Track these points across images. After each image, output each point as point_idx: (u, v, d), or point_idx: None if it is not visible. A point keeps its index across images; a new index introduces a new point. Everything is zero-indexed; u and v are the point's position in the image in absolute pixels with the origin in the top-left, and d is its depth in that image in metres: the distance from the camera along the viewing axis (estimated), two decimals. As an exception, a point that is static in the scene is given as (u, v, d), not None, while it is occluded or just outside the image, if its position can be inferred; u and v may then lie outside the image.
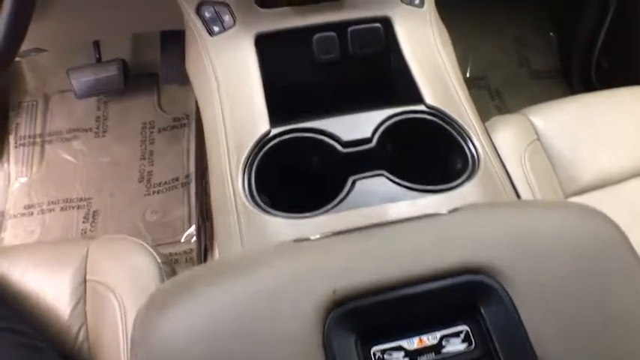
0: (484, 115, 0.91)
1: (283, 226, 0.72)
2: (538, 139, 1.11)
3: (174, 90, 1.82)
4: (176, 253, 1.61)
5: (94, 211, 1.70)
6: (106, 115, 1.84)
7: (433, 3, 0.99)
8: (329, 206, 0.74)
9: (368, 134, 0.81)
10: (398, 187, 0.76)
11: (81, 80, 1.69)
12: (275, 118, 0.83)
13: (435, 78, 0.89)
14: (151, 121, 1.83)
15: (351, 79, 0.96)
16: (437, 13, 1.00)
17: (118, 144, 1.80)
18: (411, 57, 0.90)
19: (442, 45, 0.94)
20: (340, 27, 0.92)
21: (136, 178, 1.74)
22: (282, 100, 0.84)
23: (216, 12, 0.91)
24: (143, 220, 1.68)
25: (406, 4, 0.96)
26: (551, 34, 2.00)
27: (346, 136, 0.80)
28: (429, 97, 0.85)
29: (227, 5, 0.91)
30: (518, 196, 0.83)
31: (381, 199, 0.75)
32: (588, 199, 1.09)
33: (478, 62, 1.95)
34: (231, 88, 0.86)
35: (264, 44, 0.91)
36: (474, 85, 1.92)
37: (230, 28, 0.91)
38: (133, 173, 1.75)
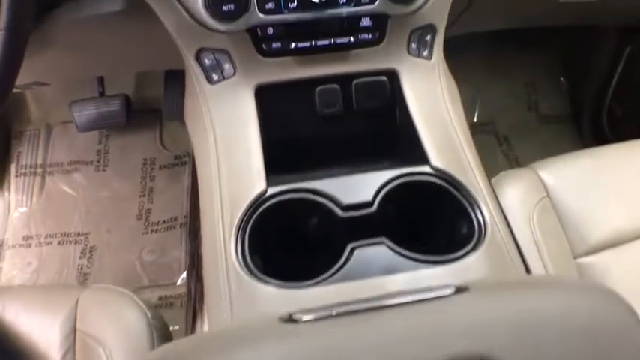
0: (491, 162, 0.87)
1: (275, 297, 0.69)
2: (547, 195, 1.07)
3: (177, 127, 1.81)
4: (171, 296, 1.57)
5: (91, 247, 1.68)
6: (107, 150, 1.83)
7: (442, 55, 0.95)
8: (325, 276, 0.71)
9: (369, 198, 0.77)
10: (399, 257, 0.73)
11: (83, 114, 1.67)
12: (273, 175, 0.79)
13: (442, 137, 0.85)
14: (152, 158, 1.81)
15: (353, 133, 0.92)
16: (446, 66, 0.96)
17: (118, 179, 1.78)
18: (417, 113, 0.87)
19: (450, 100, 0.90)
20: (344, 79, 0.89)
21: (134, 215, 1.72)
22: (281, 155, 0.81)
23: (216, 59, 0.87)
24: (140, 259, 1.65)
25: (414, 56, 0.91)
26: (562, 78, 1.97)
27: (346, 199, 0.76)
28: (435, 158, 0.81)
29: (227, 53, 0.87)
30: (526, 266, 0.79)
31: (380, 269, 0.71)
32: (598, 259, 1.04)
33: (486, 106, 1.92)
34: (228, 143, 0.83)
35: (265, 95, 0.87)
36: (481, 130, 1.89)
37: (230, 77, 0.87)
38: (131, 210, 1.73)
